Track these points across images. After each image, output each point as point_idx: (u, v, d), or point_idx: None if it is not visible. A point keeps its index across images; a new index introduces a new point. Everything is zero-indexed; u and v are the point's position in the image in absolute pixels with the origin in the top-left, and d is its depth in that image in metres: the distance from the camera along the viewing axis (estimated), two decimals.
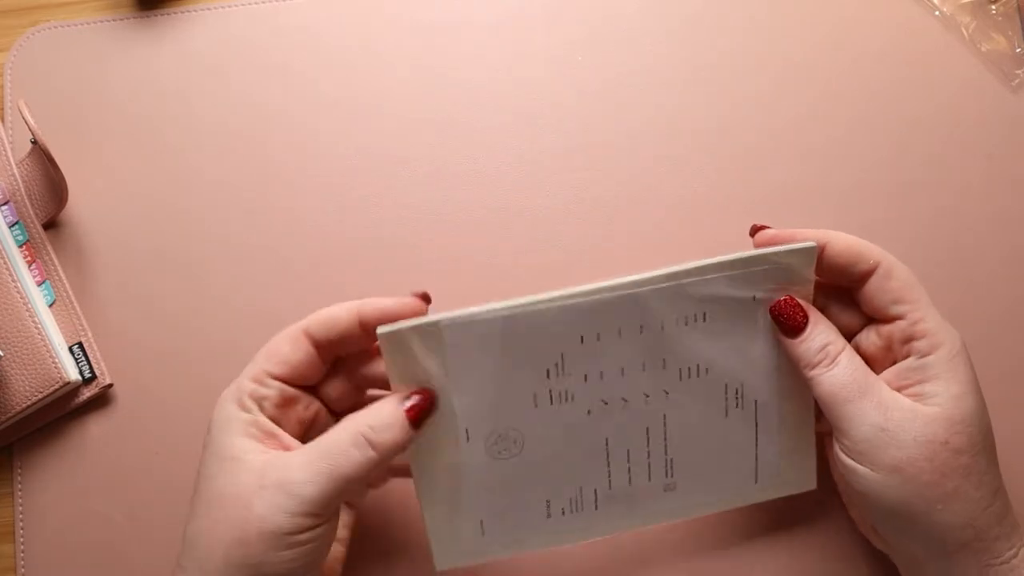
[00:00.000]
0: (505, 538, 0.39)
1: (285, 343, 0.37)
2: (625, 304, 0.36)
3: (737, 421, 0.39)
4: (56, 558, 0.44)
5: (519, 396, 0.37)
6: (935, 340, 0.36)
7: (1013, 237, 0.47)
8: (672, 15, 0.51)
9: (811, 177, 0.48)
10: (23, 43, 0.51)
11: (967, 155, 0.48)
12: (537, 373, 0.36)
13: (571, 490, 0.39)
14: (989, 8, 0.50)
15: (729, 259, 0.36)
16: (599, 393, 0.37)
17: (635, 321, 0.36)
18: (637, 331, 0.36)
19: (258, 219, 0.48)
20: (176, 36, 0.51)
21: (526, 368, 0.36)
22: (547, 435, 0.37)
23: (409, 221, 0.48)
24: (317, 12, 0.51)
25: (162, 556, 0.44)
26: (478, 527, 0.39)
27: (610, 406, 0.38)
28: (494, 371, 0.36)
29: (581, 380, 0.37)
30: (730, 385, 0.39)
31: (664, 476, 0.39)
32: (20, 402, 0.44)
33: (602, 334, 0.36)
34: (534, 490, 0.38)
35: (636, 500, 0.40)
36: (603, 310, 0.36)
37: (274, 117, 0.50)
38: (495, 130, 0.49)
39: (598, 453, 0.38)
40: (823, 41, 0.50)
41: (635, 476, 0.39)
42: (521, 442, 0.37)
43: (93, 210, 0.49)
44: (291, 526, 0.33)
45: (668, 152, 0.49)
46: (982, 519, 0.35)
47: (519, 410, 0.37)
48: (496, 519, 0.39)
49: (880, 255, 0.37)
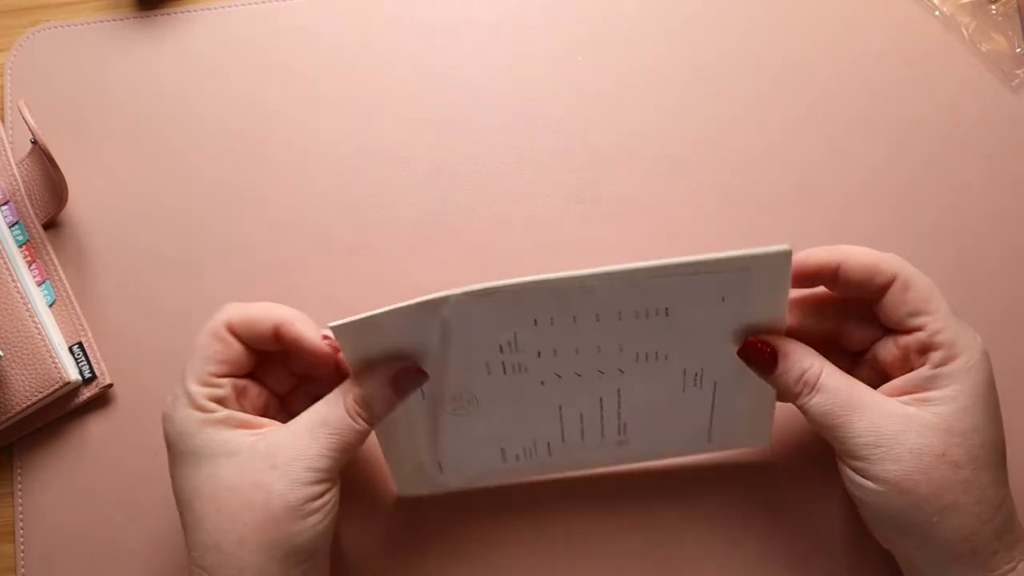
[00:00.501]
0: (462, 476, 0.43)
1: (215, 342, 0.38)
2: (576, 292, 0.36)
3: (694, 396, 0.40)
4: (56, 558, 0.44)
5: (472, 366, 0.39)
6: (952, 351, 0.36)
7: (1013, 237, 0.47)
8: (672, 15, 0.51)
9: (810, 177, 0.48)
10: (23, 43, 0.51)
11: (967, 155, 0.48)
12: (490, 347, 0.38)
13: (525, 441, 0.42)
14: (989, 8, 0.50)
15: (694, 260, 0.36)
16: (552, 367, 0.39)
17: (590, 310, 0.37)
18: (593, 319, 0.37)
19: (258, 219, 0.48)
20: (176, 36, 0.51)
21: (477, 344, 0.38)
22: (500, 397, 0.40)
23: (409, 221, 0.48)
24: (317, 12, 0.51)
25: (162, 556, 0.44)
26: (436, 467, 0.42)
27: (564, 379, 0.39)
28: (443, 348, 0.38)
29: (534, 356, 0.38)
30: (689, 370, 0.39)
31: (616, 434, 0.41)
32: (20, 402, 0.44)
33: (555, 318, 0.37)
34: (489, 441, 0.41)
35: (588, 450, 0.42)
36: (555, 297, 0.36)
37: (274, 117, 0.50)
38: (495, 130, 0.49)
39: (551, 415, 0.41)
40: (823, 41, 0.50)
41: (588, 434, 0.41)
42: (475, 402, 0.40)
43: (93, 210, 0.49)
44: (311, 494, 0.36)
45: (668, 152, 0.49)
46: (981, 533, 0.34)
47: (472, 377, 0.39)
48: (454, 461, 0.42)
49: (898, 267, 0.37)
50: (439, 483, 0.43)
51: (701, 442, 0.42)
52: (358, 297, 0.47)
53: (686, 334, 0.38)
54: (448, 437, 0.41)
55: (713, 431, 0.42)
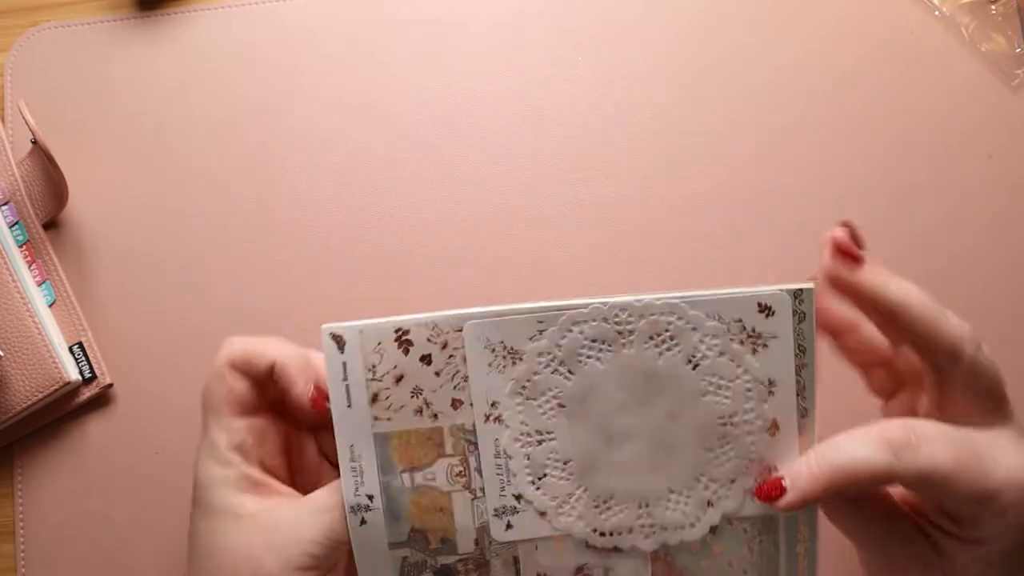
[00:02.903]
0: None
1: (219, 384, 0.37)
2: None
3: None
4: (56, 558, 0.44)
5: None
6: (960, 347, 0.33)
7: (1013, 237, 0.47)
8: (672, 16, 0.51)
9: (811, 177, 0.48)
10: (23, 43, 0.51)
11: (967, 155, 0.48)
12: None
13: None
14: (989, 8, 0.50)
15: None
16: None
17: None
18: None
19: (258, 219, 0.48)
20: (176, 36, 0.51)
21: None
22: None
23: (409, 221, 0.48)
24: (317, 12, 0.51)
25: (162, 556, 0.44)
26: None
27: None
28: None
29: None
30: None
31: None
32: (20, 402, 0.44)
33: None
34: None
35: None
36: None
37: (274, 117, 0.50)
38: (495, 130, 0.49)
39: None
40: (823, 41, 0.50)
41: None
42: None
43: (93, 210, 0.49)
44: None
45: (668, 152, 0.49)
46: None
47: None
48: None
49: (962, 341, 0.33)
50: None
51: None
52: (359, 297, 0.47)
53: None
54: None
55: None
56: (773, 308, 0.34)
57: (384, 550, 0.35)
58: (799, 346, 0.34)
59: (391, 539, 0.35)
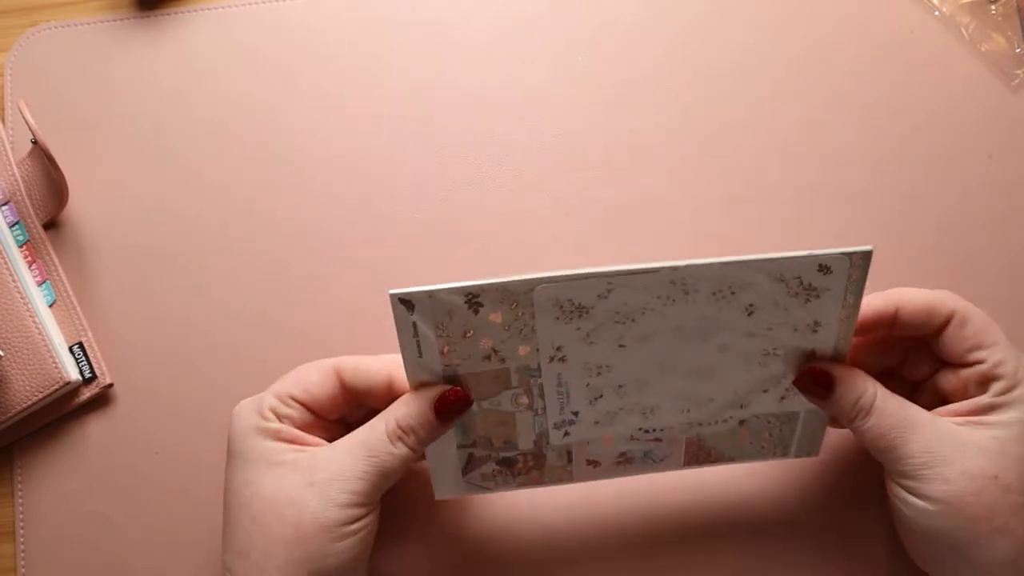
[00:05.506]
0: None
1: (314, 373, 0.38)
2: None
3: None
4: (56, 558, 0.44)
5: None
6: (1014, 380, 0.36)
7: (1013, 237, 0.47)
8: (673, 16, 0.51)
9: (811, 178, 0.48)
10: (23, 43, 0.51)
11: (967, 155, 0.48)
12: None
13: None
14: (989, 8, 0.50)
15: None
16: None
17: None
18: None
19: (258, 219, 0.48)
20: (176, 36, 0.51)
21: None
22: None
23: (409, 221, 0.48)
24: (317, 12, 0.52)
25: (162, 556, 0.44)
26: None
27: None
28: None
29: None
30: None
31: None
32: (20, 402, 0.44)
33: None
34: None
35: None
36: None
37: (274, 117, 0.50)
38: (495, 130, 0.49)
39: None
40: (823, 42, 0.50)
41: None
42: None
43: (93, 210, 0.49)
44: (345, 518, 0.35)
45: (668, 152, 0.49)
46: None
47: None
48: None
49: (953, 304, 0.37)
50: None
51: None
52: (358, 297, 0.47)
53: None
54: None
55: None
56: (832, 268, 0.36)
57: (452, 450, 0.39)
58: (847, 298, 0.36)
59: (459, 442, 0.39)
